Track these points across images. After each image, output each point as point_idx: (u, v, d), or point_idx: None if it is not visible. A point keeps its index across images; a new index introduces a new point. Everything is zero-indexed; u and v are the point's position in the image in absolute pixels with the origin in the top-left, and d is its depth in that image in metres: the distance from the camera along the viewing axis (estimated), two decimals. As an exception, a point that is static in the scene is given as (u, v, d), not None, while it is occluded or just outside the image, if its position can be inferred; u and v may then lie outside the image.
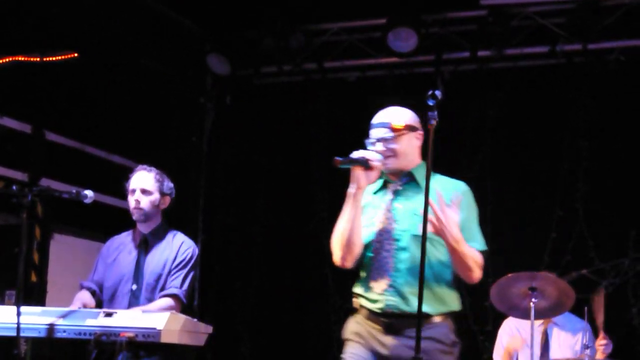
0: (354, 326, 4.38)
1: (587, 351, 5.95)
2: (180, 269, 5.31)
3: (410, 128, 4.37)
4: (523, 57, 8.19)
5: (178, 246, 5.38)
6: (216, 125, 9.39)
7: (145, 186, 5.36)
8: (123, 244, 5.49)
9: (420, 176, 4.31)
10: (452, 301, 4.35)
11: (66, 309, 4.62)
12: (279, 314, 8.81)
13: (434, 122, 3.88)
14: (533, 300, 5.92)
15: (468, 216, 4.30)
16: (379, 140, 4.32)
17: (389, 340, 4.24)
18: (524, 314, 6.14)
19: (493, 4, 7.89)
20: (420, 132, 4.43)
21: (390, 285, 4.23)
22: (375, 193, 4.43)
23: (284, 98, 9.05)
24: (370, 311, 4.30)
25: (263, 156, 9.05)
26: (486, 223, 7.85)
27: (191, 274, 5.37)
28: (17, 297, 6.65)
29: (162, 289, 5.27)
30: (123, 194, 5.53)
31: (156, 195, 5.38)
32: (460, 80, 8.30)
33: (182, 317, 4.44)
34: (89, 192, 4.87)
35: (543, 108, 8.14)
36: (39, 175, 7.77)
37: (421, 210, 3.93)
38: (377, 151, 4.25)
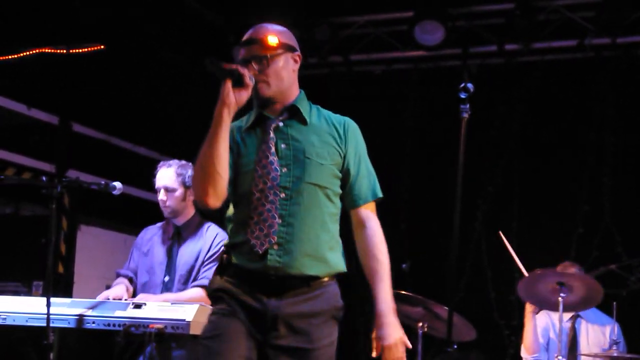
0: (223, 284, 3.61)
1: (616, 346, 5.91)
2: (213, 260, 5.31)
3: (286, 47, 3.75)
4: (550, 50, 8.11)
5: (212, 238, 5.37)
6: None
7: (167, 184, 5.34)
8: (157, 236, 5.49)
9: (305, 110, 3.82)
10: (340, 261, 3.69)
11: (95, 300, 4.63)
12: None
13: (466, 115, 3.85)
14: (561, 295, 5.88)
15: (358, 152, 3.76)
16: (249, 59, 3.63)
17: (269, 302, 3.52)
18: (552, 308, 6.11)
19: (520, -3, 7.83)
20: (298, 54, 3.81)
21: (277, 243, 3.52)
22: (249, 130, 3.72)
23: (309, 91, 8.98)
24: (246, 270, 3.56)
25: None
26: (513, 218, 7.99)
27: None
28: (46, 288, 6.68)
29: (195, 279, 5.27)
30: (148, 186, 5.54)
31: (180, 190, 5.35)
32: (487, 74, 8.24)
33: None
34: (117, 184, 4.89)
35: (570, 102, 8.09)
36: (66, 167, 7.81)
37: (311, 152, 3.58)
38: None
